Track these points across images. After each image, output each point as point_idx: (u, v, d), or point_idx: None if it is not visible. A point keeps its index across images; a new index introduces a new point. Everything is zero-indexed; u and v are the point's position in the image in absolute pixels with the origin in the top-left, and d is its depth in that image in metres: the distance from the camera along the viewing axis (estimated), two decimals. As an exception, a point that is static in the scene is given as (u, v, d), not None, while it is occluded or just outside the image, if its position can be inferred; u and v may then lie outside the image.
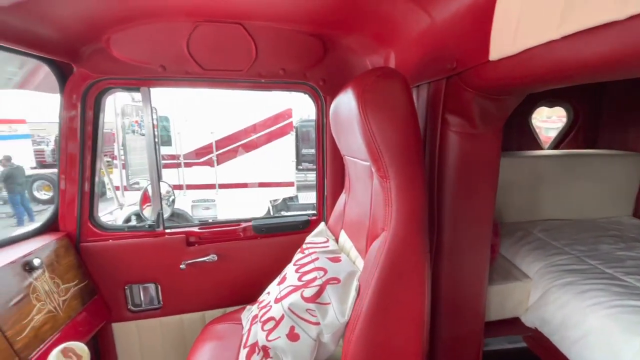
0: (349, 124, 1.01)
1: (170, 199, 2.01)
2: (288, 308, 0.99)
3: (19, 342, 1.03)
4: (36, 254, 1.22)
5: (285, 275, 1.17)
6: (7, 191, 7.57)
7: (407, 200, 0.85)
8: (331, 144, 1.62)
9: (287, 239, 1.66)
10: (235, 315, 1.42)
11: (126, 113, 2.06)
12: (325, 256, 1.12)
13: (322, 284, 0.99)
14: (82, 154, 1.42)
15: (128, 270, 1.51)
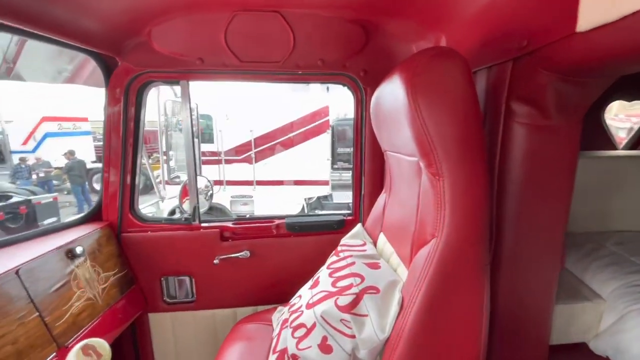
0: (393, 115, 0.90)
1: (208, 193, 2.03)
2: (320, 316, 0.90)
3: (57, 328, 1.06)
4: (79, 242, 1.26)
5: (318, 278, 1.09)
6: (70, 182, 8.41)
7: (464, 202, 0.72)
8: (370, 139, 1.51)
9: (321, 239, 1.58)
10: (266, 316, 1.37)
11: (171, 111, 2.14)
12: (363, 261, 1.02)
13: (358, 293, 0.89)
14: (124, 148, 1.46)
15: (164, 262, 1.53)
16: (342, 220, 1.61)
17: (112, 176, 1.48)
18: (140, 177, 1.62)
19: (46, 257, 1.12)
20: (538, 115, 0.84)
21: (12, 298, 0.96)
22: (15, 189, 7.84)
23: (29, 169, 10.28)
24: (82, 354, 0.69)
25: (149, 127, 4.02)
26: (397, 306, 0.80)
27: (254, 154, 6.00)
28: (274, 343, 1.10)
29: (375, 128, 1.21)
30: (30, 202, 6.88)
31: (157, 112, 2.13)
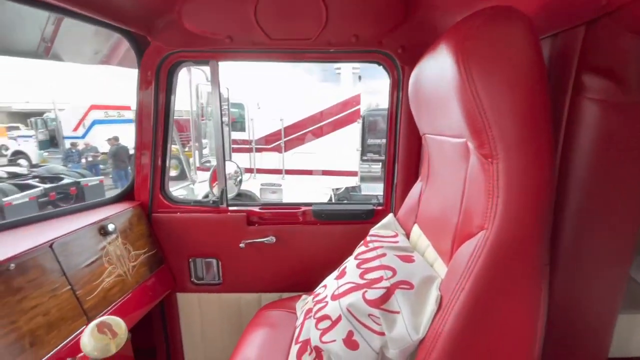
0: (437, 90, 0.79)
1: (237, 179, 2.02)
2: (347, 309, 0.84)
3: (88, 301, 1.09)
4: (112, 220, 1.28)
5: (344, 269, 1.02)
6: (114, 166, 8.96)
7: (522, 189, 0.61)
8: (406, 123, 1.40)
9: (348, 229, 1.51)
10: (291, 303, 1.34)
11: (206, 100, 2.15)
12: (394, 253, 0.94)
13: (389, 287, 0.81)
14: (154, 130, 1.47)
15: (192, 243, 1.54)
16: (371, 210, 1.52)
17: (143, 157, 1.50)
18: (176, 163, 1.64)
19: (79, 232, 1.14)
20: (615, 89, 0.69)
21: (46, 271, 0.99)
22: (66, 171, 8.50)
23: (79, 154, 11.13)
24: (97, 332, 0.68)
25: (186, 117, 4.13)
26: (435, 305, 0.71)
27: (283, 143, 6.00)
28: (297, 332, 1.05)
29: (414, 110, 1.10)
30: (79, 184, 7.45)
31: (189, 96, 2.15)
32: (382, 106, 10.80)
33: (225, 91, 2.53)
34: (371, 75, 8.50)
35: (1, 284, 0.86)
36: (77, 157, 11.08)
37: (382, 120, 10.51)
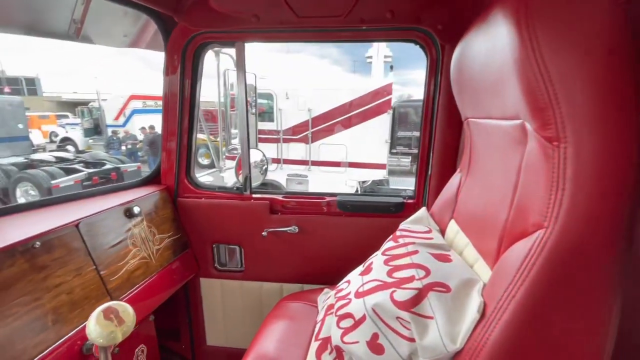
0: (486, 66, 0.68)
1: (263, 167, 1.99)
2: (372, 309, 0.76)
3: (112, 282, 1.09)
4: (137, 203, 1.29)
5: (370, 264, 0.94)
6: (150, 154, 9.40)
7: (596, 180, 0.50)
8: (445, 108, 1.27)
9: (375, 222, 1.42)
10: (312, 296, 1.28)
11: (233, 85, 2.13)
12: (428, 251, 0.84)
13: (422, 288, 0.72)
14: (180, 114, 1.46)
15: (216, 229, 1.53)
16: (401, 203, 1.42)
17: (170, 142, 1.50)
18: (206, 151, 1.62)
19: (105, 213, 1.15)
20: None
21: (71, 250, 0.99)
22: (108, 158, 9.03)
23: (119, 141, 11.82)
24: (103, 318, 0.65)
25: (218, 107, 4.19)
26: (477, 313, 0.61)
27: (310, 134, 5.95)
28: (317, 328, 0.99)
29: (456, 91, 0.98)
30: (119, 170, 7.89)
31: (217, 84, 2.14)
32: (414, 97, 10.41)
33: (252, 77, 2.49)
34: (404, 65, 8.19)
35: (26, 262, 0.86)
36: (118, 144, 11.79)
37: (414, 113, 10.14)
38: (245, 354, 1.02)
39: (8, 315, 0.79)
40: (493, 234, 0.71)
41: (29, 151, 8.76)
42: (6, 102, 8.27)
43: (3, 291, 0.80)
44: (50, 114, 17.89)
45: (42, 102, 22.68)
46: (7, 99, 8.58)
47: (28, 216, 1.06)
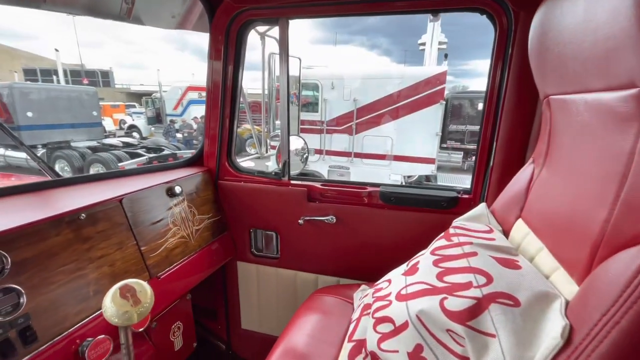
0: (585, 29, 0.54)
1: (304, 155, 1.93)
2: (416, 316, 0.65)
3: (151, 258, 1.11)
4: (179, 183, 1.30)
5: (416, 264, 0.82)
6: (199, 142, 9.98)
7: None
8: (515, 87, 1.07)
9: (423, 217, 1.28)
10: (348, 292, 1.20)
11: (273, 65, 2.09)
12: (490, 254, 0.70)
13: (481, 298, 0.59)
14: (222, 96, 1.44)
15: (254, 214, 1.50)
16: (454, 197, 1.26)
17: (212, 126, 1.50)
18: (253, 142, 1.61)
19: (148, 191, 1.17)
20: None
21: (114, 224, 1.02)
22: (166, 144, 9.75)
23: (176, 130, 12.72)
24: (118, 296, 0.63)
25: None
26: (560, 339, 0.47)
27: (354, 125, 5.78)
28: (351, 328, 0.91)
29: (535, 64, 0.81)
30: (175, 155, 8.48)
31: (262, 70, 2.12)
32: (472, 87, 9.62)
33: (297, 63, 2.42)
34: (459, 55, 7.62)
35: (71, 232, 0.89)
36: (174, 132, 12.70)
37: (470, 105, 9.40)
38: (275, 343, 0.97)
39: (52, 282, 0.82)
40: (582, 238, 0.55)
41: (101, 136, 9.79)
42: (83, 91, 9.30)
43: (49, 259, 0.83)
44: (120, 104, 19.88)
45: (114, 93, 25.27)
46: (84, 89, 9.64)
47: (77, 189, 1.11)
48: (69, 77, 19.53)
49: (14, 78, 17.41)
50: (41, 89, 8.43)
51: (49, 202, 0.98)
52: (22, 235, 0.79)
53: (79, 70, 23.63)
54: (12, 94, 7.47)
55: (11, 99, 7.48)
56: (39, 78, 20.90)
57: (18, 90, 7.60)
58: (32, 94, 7.84)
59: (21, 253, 0.78)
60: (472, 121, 9.33)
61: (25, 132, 7.68)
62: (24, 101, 7.64)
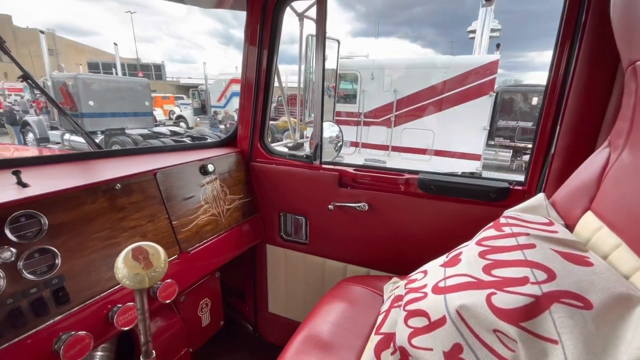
0: None
1: (338, 144, 1.87)
2: (456, 311, 0.56)
3: (182, 233, 1.12)
4: (212, 161, 1.30)
5: (458, 255, 0.72)
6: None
7: None
8: (587, 60, 0.91)
9: (467, 209, 1.15)
10: (378, 283, 1.12)
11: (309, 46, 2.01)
12: (552, 247, 0.58)
13: (540, 297, 0.49)
14: (257, 78, 1.43)
15: (284, 197, 1.48)
16: (505, 188, 1.12)
17: (246, 106, 1.49)
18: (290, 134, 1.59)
19: (182, 167, 1.18)
20: None
21: (147, 196, 1.03)
22: (210, 134, 10.18)
23: (218, 121, 13.28)
24: (130, 257, 0.61)
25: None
26: None
27: (393, 117, 5.56)
28: (379, 320, 0.83)
29: (621, 28, 0.66)
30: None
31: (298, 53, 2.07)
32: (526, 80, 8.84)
33: (337, 44, 2.34)
34: (511, 46, 7.01)
35: (106, 201, 0.92)
36: (218, 123, 13.26)
37: (522, 100, 8.65)
38: (297, 329, 0.93)
39: (87, 247, 0.85)
40: None
41: (151, 125, 10.47)
42: (137, 83, 9.99)
43: (84, 224, 0.86)
44: (170, 95, 21.18)
45: (165, 85, 27.00)
46: (138, 81, 10.35)
47: (115, 162, 1.15)
48: (126, 70, 21.20)
49: (79, 70, 19.27)
50: (101, 80, 9.20)
51: (88, 172, 1.02)
52: (60, 200, 0.82)
53: (135, 64, 25.54)
54: (76, 84, 8.23)
55: (76, 89, 8.25)
56: (100, 71, 22.93)
57: (82, 80, 8.36)
58: (93, 84, 8.59)
59: (58, 217, 0.81)
60: (525, 117, 8.59)
61: (87, 119, 8.44)
62: (87, 91, 8.39)
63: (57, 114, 9.26)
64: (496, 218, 0.84)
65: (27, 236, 0.74)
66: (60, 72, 10.02)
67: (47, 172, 0.97)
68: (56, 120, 9.51)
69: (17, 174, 0.83)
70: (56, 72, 9.67)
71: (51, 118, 9.82)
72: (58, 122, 9.40)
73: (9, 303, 0.69)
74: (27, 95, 14.47)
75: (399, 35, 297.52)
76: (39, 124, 9.82)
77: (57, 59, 21.15)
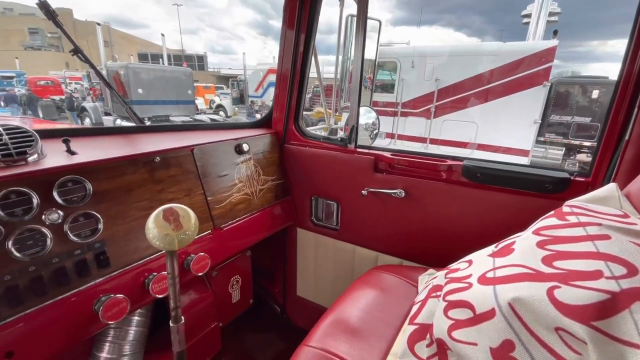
0: None
1: (373, 131, 1.80)
2: (509, 304, 0.50)
3: (216, 209, 1.13)
4: (247, 141, 1.30)
5: (510, 245, 0.65)
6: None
7: None
8: None
9: (518, 201, 1.04)
10: (412, 274, 1.06)
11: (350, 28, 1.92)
12: (630, 239, 0.49)
13: (617, 293, 0.41)
14: (294, 59, 1.42)
15: (316, 181, 1.45)
16: (565, 179, 0.99)
17: (282, 88, 1.47)
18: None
19: (218, 145, 1.19)
20: None
21: (184, 171, 1.05)
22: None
23: (254, 110, 13.59)
24: (161, 217, 0.61)
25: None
26: None
27: (434, 108, 5.28)
28: (414, 310, 0.78)
29: None
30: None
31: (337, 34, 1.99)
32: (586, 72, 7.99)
33: (378, 24, 2.24)
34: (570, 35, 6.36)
35: (146, 173, 0.94)
36: (254, 112, 13.58)
37: (580, 93, 7.82)
38: (324, 312, 0.90)
39: (127, 216, 0.88)
40: None
41: (193, 113, 10.95)
42: (182, 72, 10.45)
43: (125, 193, 0.89)
44: (211, 85, 22.01)
45: (206, 76, 28.10)
46: (183, 70, 10.82)
47: (156, 136, 1.18)
48: (172, 60, 22.31)
49: (130, 61, 20.60)
50: (149, 69, 9.74)
51: (130, 144, 1.05)
52: (104, 169, 0.85)
53: (179, 55, 26.82)
54: (127, 73, 8.79)
55: (127, 78, 8.82)
56: (149, 61, 24.37)
57: (132, 69, 8.91)
58: (142, 73, 9.12)
59: (102, 184, 0.84)
60: (582, 112, 7.78)
61: (136, 106, 9.00)
62: (136, 79, 8.94)
63: (111, 101, 9.99)
64: (552, 209, 0.74)
65: (73, 200, 0.78)
66: (114, 62, 10.76)
67: (94, 143, 1.02)
68: (109, 107, 10.27)
69: (66, 142, 0.87)
70: (110, 62, 10.40)
71: (105, 105, 10.62)
72: (111, 108, 10.15)
73: (55, 262, 0.73)
74: (85, 83, 15.76)
75: (442, 23, 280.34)
76: (94, 110, 10.68)
77: (112, 50, 22.79)
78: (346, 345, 0.78)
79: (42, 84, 16.43)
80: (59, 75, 18.11)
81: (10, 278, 0.67)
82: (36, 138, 0.81)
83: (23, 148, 0.77)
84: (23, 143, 0.78)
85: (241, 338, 1.65)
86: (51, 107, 13.06)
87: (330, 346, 0.77)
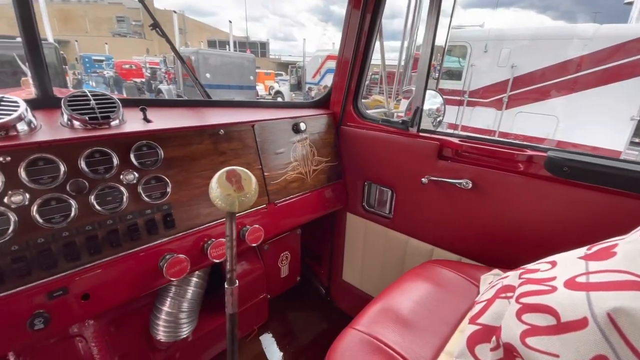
0: None
1: (437, 119, 1.68)
2: (607, 315, 0.41)
3: (271, 185, 1.15)
4: (304, 120, 1.30)
5: (610, 247, 0.54)
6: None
7: None
8: None
9: (615, 202, 0.87)
10: (473, 272, 0.97)
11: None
12: None
13: None
14: (357, 40, 1.37)
15: (372, 165, 1.40)
16: None
17: (342, 68, 1.43)
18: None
19: (277, 122, 1.20)
20: None
21: (245, 145, 1.08)
22: (302, 110, 10.58)
23: (312, 97, 13.71)
24: (224, 178, 0.62)
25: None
26: None
27: (506, 97, 4.74)
28: (477, 308, 0.71)
29: None
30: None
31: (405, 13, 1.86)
32: None
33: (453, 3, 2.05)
34: None
35: (211, 144, 0.99)
36: (311, 100, 13.71)
37: None
38: (374, 299, 0.87)
39: (191, 183, 0.93)
40: None
41: (254, 98, 11.45)
42: (245, 58, 10.94)
43: (191, 161, 0.94)
44: (272, 72, 22.70)
45: (267, 62, 29.04)
46: (246, 57, 11.32)
47: (221, 111, 1.23)
48: (237, 47, 23.45)
49: (200, 47, 22.10)
50: (217, 55, 10.36)
51: (198, 116, 1.11)
52: (174, 137, 0.91)
53: (244, 42, 28.05)
54: (197, 58, 9.47)
55: (197, 63, 9.50)
56: (217, 48, 25.92)
57: (202, 55, 9.57)
58: (210, 58, 9.74)
59: (171, 151, 0.90)
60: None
61: (204, 89, 9.70)
62: (205, 64, 9.58)
63: (183, 84, 10.88)
64: None
65: (147, 164, 0.84)
66: (187, 48, 11.63)
67: (166, 113, 1.09)
68: (181, 90, 11.20)
69: (143, 110, 0.95)
70: (183, 48, 11.26)
71: (177, 87, 11.61)
72: (183, 91, 11.06)
73: (129, 218, 0.81)
74: (162, 67, 17.36)
75: (523, 4, 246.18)
76: (168, 92, 11.73)
77: (185, 37, 24.63)
78: (395, 334, 0.74)
79: (126, 67, 18.47)
80: (140, 60, 20.16)
81: (91, 229, 0.75)
82: (118, 105, 0.89)
83: (107, 113, 0.85)
84: (107, 108, 0.86)
85: (286, 313, 1.70)
86: (133, 88, 14.67)
87: (378, 333, 0.74)
